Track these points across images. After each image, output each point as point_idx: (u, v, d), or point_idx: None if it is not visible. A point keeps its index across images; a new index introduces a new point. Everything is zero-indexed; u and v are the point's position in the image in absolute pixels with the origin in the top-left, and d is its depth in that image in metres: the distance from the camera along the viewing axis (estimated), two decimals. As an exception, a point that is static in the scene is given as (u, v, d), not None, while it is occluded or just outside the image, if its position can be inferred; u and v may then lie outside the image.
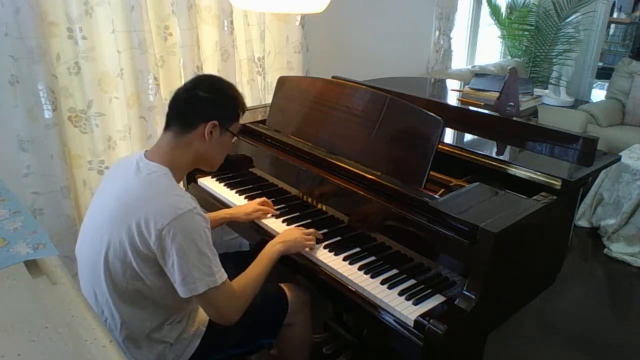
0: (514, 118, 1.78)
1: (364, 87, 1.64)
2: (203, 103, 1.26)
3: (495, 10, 4.29)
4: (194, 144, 1.26)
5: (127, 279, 1.18)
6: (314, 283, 1.44)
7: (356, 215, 1.48)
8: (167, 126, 1.27)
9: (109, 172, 1.37)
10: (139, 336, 1.25)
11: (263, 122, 1.91)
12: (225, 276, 1.20)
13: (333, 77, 2.19)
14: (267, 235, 1.57)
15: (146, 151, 1.28)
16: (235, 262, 1.53)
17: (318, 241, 1.49)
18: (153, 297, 1.22)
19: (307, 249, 1.45)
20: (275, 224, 1.60)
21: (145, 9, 1.88)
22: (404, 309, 1.19)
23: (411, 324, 1.16)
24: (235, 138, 1.34)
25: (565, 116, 3.81)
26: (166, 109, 1.29)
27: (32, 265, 0.82)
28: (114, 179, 1.29)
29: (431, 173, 1.36)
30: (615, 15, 6.53)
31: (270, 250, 1.40)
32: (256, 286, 1.31)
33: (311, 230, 1.50)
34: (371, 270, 1.35)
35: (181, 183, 2.01)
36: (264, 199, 1.69)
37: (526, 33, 4.52)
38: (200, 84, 1.28)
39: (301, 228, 1.52)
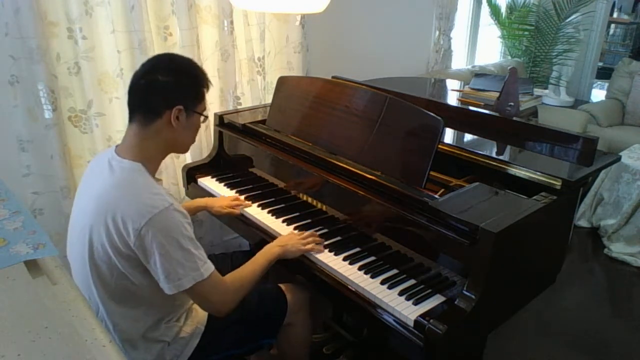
0: (514, 118, 1.78)
1: (364, 87, 1.64)
2: (163, 88, 1.18)
3: (495, 10, 4.28)
4: (162, 132, 1.20)
5: (114, 279, 1.18)
6: (314, 283, 1.44)
7: (356, 215, 1.48)
8: (131, 117, 1.21)
9: (85, 173, 1.33)
10: (134, 337, 1.24)
11: (263, 122, 1.91)
12: (212, 268, 1.19)
13: (333, 77, 2.18)
14: (266, 235, 1.57)
15: (117, 146, 1.24)
16: (234, 262, 1.53)
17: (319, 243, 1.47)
18: (143, 295, 1.22)
19: (312, 252, 1.43)
20: (275, 224, 1.60)
21: (145, 9, 1.88)
22: (404, 309, 1.19)
23: (411, 324, 1.16)
24: (204, 118, 1.29)
25: (565, 116, 3.81)
26: None
27: (32, 265, 0.82)
28: (89, 179, 1.27)
29: (431, 173, 1.36)
30: (615, 15, 6.53)
31: (268, 252, 1.39)
32: (251, 282, 1.30)
33: (309, 232, 1.49)
34: (371, 270, 1.35)
35: (181, 183, 2.03)
36: (236, 195, 1.75)
37: (526, 33, 4.52)
38: (158, 67, 1.20)
39: (299, 232, 1.50)
